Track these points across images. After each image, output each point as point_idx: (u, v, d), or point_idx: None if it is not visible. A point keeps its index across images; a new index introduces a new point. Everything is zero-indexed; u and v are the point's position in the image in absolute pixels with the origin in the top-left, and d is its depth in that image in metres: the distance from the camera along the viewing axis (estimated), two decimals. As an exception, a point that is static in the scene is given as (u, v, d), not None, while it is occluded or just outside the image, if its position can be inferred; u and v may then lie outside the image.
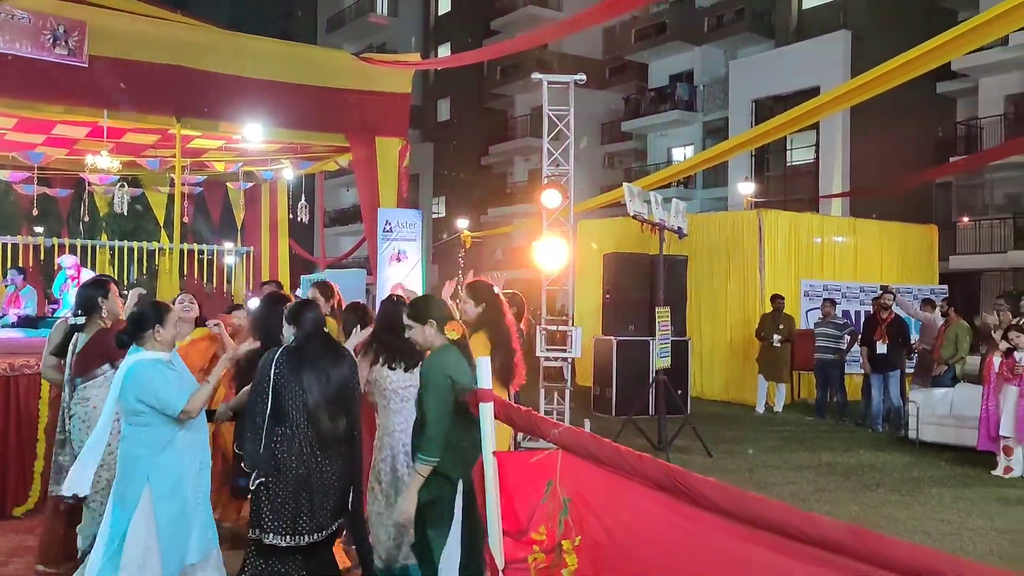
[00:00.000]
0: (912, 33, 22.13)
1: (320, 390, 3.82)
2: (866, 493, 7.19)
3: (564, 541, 2.91)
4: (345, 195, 41.40)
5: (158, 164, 14.00)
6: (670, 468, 2.60)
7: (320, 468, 3.79)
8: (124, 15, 10.84)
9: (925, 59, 8.83)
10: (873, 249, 14.53)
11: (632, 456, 2.75)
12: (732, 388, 13.51)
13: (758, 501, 2.41)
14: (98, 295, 4.63)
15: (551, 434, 3.01)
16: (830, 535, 2.23)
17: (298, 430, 3.79)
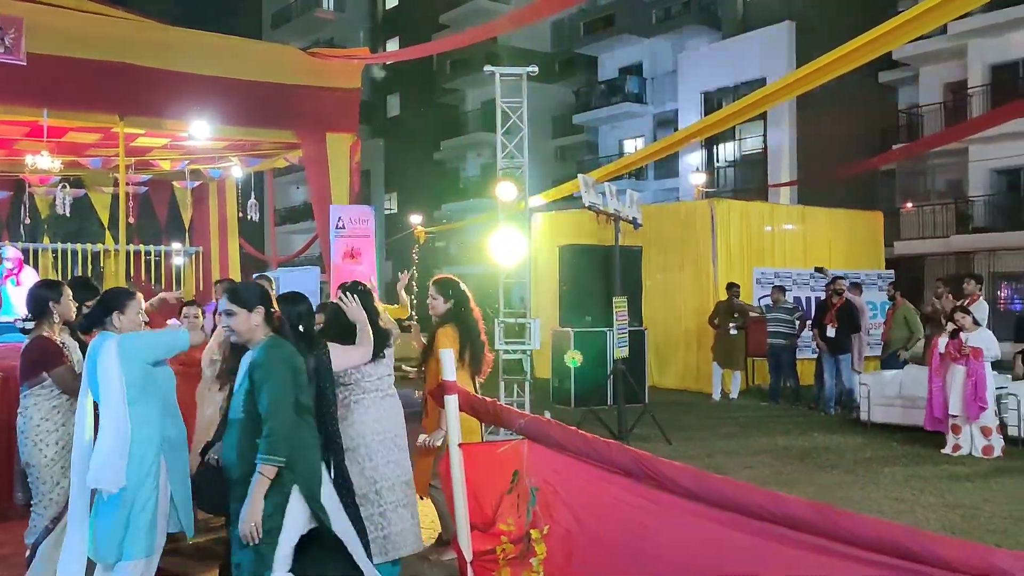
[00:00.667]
0: (854, 22, 22.55)
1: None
2: (822, 475, 7.32)
3: (533, 530, 2.91)
4: (295, 193, 40.92)
5: (101, 163, 13.68)
6: (638, 454, 2.62)
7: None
8: (63, 11, 10.56)
9: (866, 49, 9.03)
10: (822, 236, 14.81)
11: (599, 443, 2.76)
12: (688, 377, 13.66)
13: (725, 483, 2.44)
14: (50, 298, 4.42)
15: (517, 424, 3.01)
16: (795, 512, 2.27)
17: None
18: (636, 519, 2.65)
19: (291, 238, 39.58)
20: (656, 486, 2.54)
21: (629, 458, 2.62)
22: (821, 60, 9.38)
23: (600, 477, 2.72)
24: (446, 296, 4.83)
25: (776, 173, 24.28)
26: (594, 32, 31.26)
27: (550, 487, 2.92)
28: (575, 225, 15.02)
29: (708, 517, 2.43)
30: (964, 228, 21.97)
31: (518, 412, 3.05)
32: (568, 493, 2.87)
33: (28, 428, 4.23)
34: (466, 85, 36.44)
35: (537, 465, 2.96)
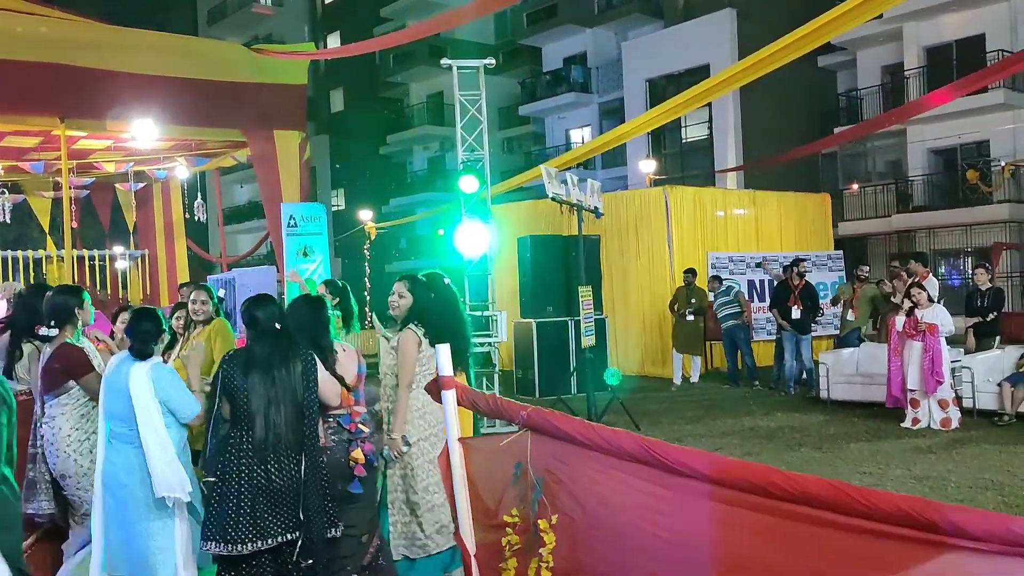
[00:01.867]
0: (793, 9, 23.04)
1: (263, 393, 3.60)
2: (790, 453, 7.45)
3: (540, 521, 2.90)
4: (239, 192, 40.21)
5: (43, 167, 13.29)
6: (646, 440, 2.62)
7: (264, 475, 3.55)
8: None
9: (809, 38, 9.20)
10: (772, 219, 15.07)
11: (606, 431, 2.75)
12: (648, 363, 13.80)
13: (739, 465, 2.45)
14: (74, 304, 4.27)
15: (519, 416, 3.00)
16: (812, 490, 2.29)
17: (243, 434, 3.60)
18: (646, 504, 2.65)
19: (236, 238, 38.92)
20: (666, 470, 2.55)
21: (637, 444, 2.62)
22: (765, 50, 9.54)
23: (607, 464, 2.72)
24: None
25: (722, 159, 24.60)
26: (537, 23, 31.26)
27: (555, 477, 2.91)
28: (530, 216, 15.06)
29: (722, 499, 2.45)
30: (904, 208, 22.55)
31: (519, 405, 3.04)
32: (574, 482, 2.87)
33: (58, 439, 4.09)
34: (410, 79, 36.19)
35: (541, 456, 2.95)
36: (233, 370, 3.65)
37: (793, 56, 9.64)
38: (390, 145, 36.98)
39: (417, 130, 35.49)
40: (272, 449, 3.57)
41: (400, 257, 35.42)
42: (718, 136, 25.24)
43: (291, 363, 3.65)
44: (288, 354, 3.67)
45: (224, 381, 3.64)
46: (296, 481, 3.58)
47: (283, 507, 3.58)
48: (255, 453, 3.55)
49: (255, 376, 3.62)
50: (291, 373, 3.64)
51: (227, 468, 3.56)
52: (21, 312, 4.71)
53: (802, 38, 9.17)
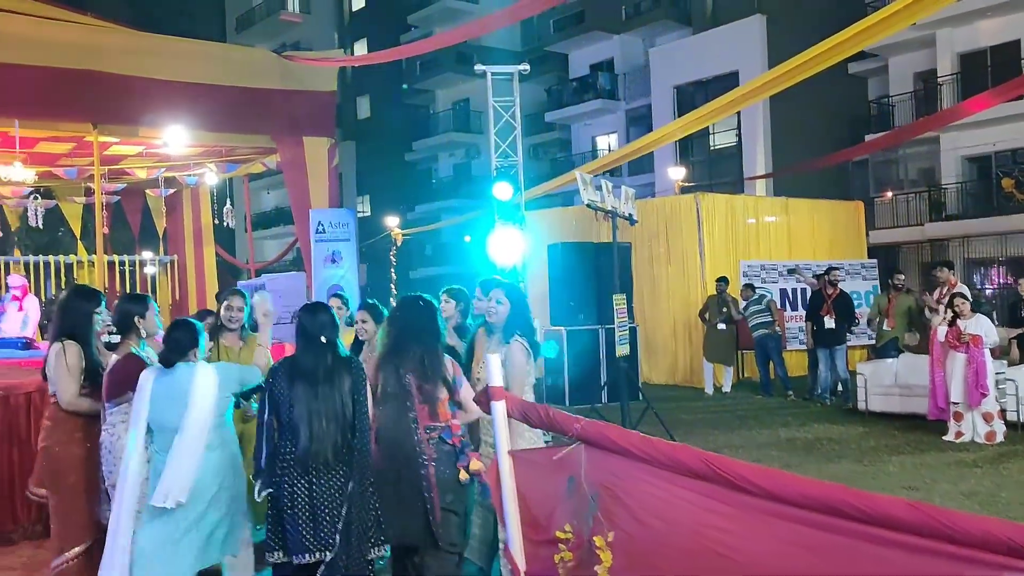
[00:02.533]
0: (824, 14, 22.83)
1: (307, 405, 3.58)
2: (830, 466, 7.29)
3: (596, 538, 2.80)
4: (266, 198, 40.46)
5: (76, 173, 13.38)
6: (707, 455, 2.52)
7: (306, 488, 3.53)
8: (30, 20, 10.29)
9: (842, 47, 9.05)
10: (805, 227, 14.87)
11: (665, 445, 2.66)
12: (677, 372, 13.63)
13: (809, 483, 2.34)
14: (136, 312, 4.29)
15: (573, 429, 2.90)
16: (891, 512, 2.18)
17: (288, 445, 3.59)
18: (708, 522, 2.55)
19: (262, 244, 39.13)
20: (729, 487, 2.45)
21: (698, 459, 2.52)
22: (797, 59, 9.39)
23: (665, 479, 2.62)
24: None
25: (751, 166, 24.38)
26: (564, 29, 31.19)
27: (611, 492, 2.81)
28: (558, 223, 14.97)
29: (789, 518, 2.34)
30: (937, 216, 22.21)
31: (573, 417, 2.94)
32: (631, 497, 2.76)
33: (116, 447, 4.08)
34: (436, 85, 36.25)
35: (596, 470, 2.85)
36: (279, 380, 3.64)
37: (825, 65, 9.49)
38: (415, 152, 37.05)
39: (442, 137, 35.53)
40: (314, 462, 3.53)
41: (425, 264, 35.42)
42: (747, 143, 25.03)
43: (338, 376, 3.61)
44: (336, 367, 3.63)
45: (270, 391, 3.64)
46: (338, 497, 3.53)
47: (324, 523, 3.54)
48: (298, 465, 3.53)
49: (299, 387, 3.58)
50: (337, 386, 3.60)
51: (278, 479, 3.58)
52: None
53: (834, 47, 9.02)
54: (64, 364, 4.20)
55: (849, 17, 9.79)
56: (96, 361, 4.31)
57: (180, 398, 3.72)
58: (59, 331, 4.33)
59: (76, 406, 4.24)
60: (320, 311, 3.79)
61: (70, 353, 4.22)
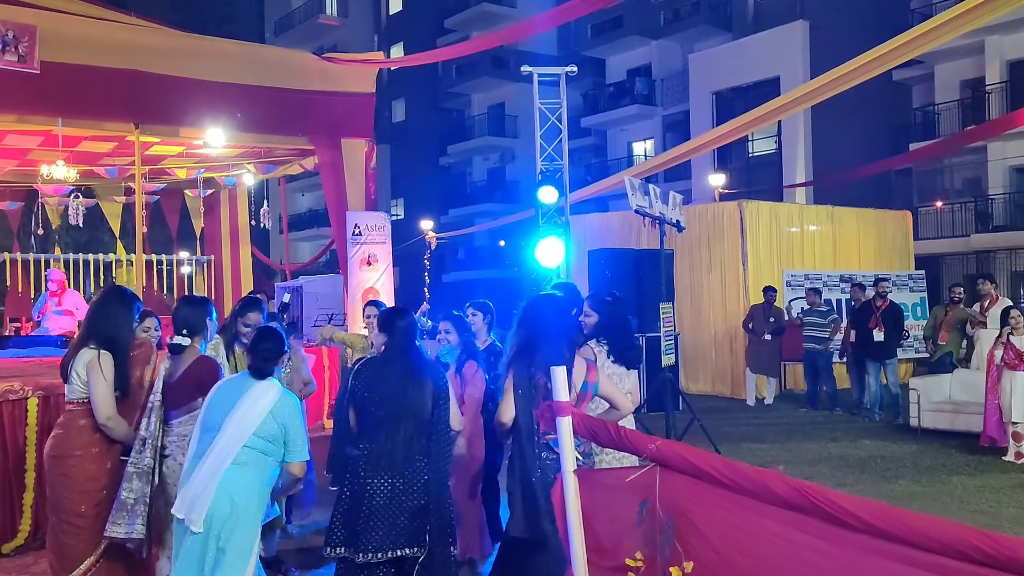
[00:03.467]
0: (868, 20, 22.44)
1: (387, 407, 3.65)
2: (887, 486, 7.01)
3: (672, 568, 2.60)
4: (300, 200, 40.65)
5: (117, 172, 13.41)
6: (801, 484, 2.31)
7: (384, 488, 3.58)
8: (76, 19, 10.32)
9: (887, 58, 8.77)
10: (851, 236, 14.53)
11: (751, 471, 2.45)
12: (717, 382, 13.37)
13: (923, 520, 2.13)
14: (206, 316, 4.18)
15: (647, 449, 2.71)
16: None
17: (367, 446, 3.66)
18: (800, 558, 2.34)
19: (295, 245, 39.32)
20: (826, 519, 2.24)
21: (790, 488, 2.31)
22: (842, 68, 9.14)
23: (752, 509, 2.41)
24: None
25: (791, 173, 24.00)
26: (602, 34, 30.97)
27: (688, 520, 2.61)
28: (598, 228, 14.77)
29: (900, 559, 2.13)
30: (984, 227, 21.69)
31: (647, 436, 2.75)
32: (711, 527, 2.56)
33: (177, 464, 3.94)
34: (472, 89, 36.21)
35: (672, 494, 2.65)
36: (361, 381, 3.72)
37: (870, 75, 9.23)
38: (450, 155, 37.03)
39: (477, 140, 35.47)
40: (390, 463, 3.60)
41: (458, 267, 35.37)
42: (787, 150, 24.65)
43: (419, 379, 3.69)
44: (417, 370, 3.71)
45: (352, 391, 3.73)
46: (415, 498, 3.59)
47: (399, 522, 3.59)
48: (374, 465, 3.60)
49: (380, 389, 3.67)
50: (420, 389, 3.67)
51: (351, 478, 3.66)
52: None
53: (880, 57, 8.74)
54: (100, 375, 3.93)
55: (894, 23, 9.53)
56: (126, 371, 4.07)
57: (232, 401, 3.54)
58: (91, 335, 4.04)
59: (110, 423, 3.95)
60: (403, 316, 3.86)
61: (106, 363, 3.96)
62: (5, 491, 5.26)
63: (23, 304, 13.11)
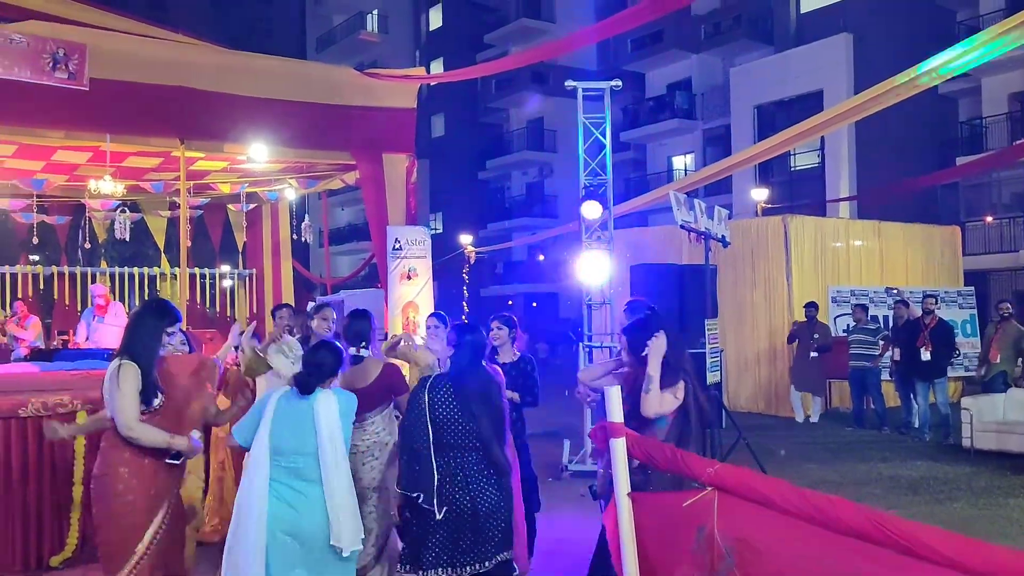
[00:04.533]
0: (913, 32, 22.09)
1: (453, 423, 3.75)
2: (941, 508, 6.80)
3: (734, 598, 2.52)
4: (339, 214, 41.01)
5: (162, 187, 13.60)
6: (874, 513, 2.21)
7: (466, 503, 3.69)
8: (124, 37, 10.48)
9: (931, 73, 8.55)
10: (897, 252, 14.24)
11: (819, 499, 2.35)
12: (761, 399, 13.15)
13: (1007, 554, 2.03)
14: (370, 327, 4.59)
15: (705, 473, 2.63)
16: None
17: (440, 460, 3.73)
18: (873, 591, 2.24)
19: (335, 259, 39.62)
20: (904, 553, 2.14)
21: (862, 517, 2.21)
22: (886, 84, 8.94)
23: (820, 538, 2.32)
24: None
25: (834, 188, 23.65)
26: (641, 48, 30.89)
27: (751, 547, 2.51)
28: (639, 243, 14.64)
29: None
30: (1034, 242, 21.19)
31: (705, 460, 2.67)
32: (775, 555, 2.46)
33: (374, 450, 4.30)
34: (510, 104, 36.32)
35: (732, 521, 2.56)
36: (434, 395, 3.78)
37: (917, 90, 9.02)
38: (489, 170, 37.13)
39: (516, 155, 35.53)
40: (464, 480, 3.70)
41: (496, 282, 35.37)
42: (830, 164, 24.30)
43: (487, 396, 3.80)
44: (488, 384, 3.84)
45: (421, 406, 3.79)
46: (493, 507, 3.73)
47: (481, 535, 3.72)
48: (451, 479, 3.69)
49: (449, 406, 3.76)
50: (487, 405, 3.78)
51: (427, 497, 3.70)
52: None
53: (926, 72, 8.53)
54: (118, 385, 3.87)
55: (939, 35, 9.32)
56: (154, 382, 3.99)
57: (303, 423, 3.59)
58: (122, 347, 4.03)
59: (134, 432, 3.86)
60: (475, 331, 3.96)
61: (125, 373, 3.88)
62: (53, 505, 5.31)
63: (70, 317, 13.32)
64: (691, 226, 7.93)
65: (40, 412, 5.17)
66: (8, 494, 5.22)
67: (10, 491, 5.22)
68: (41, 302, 15.18)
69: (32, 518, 5.32)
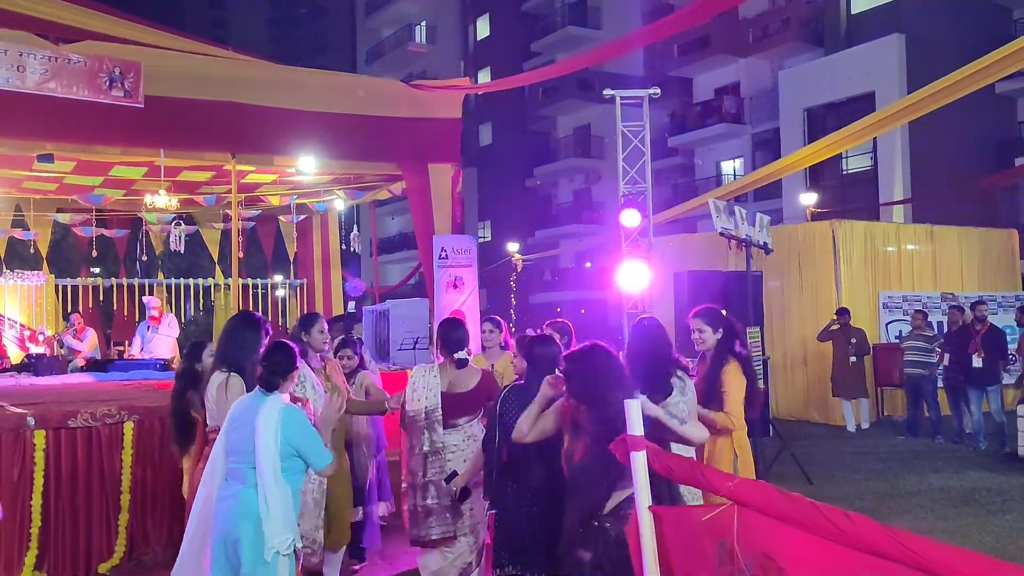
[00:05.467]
0: (967, 31, 21.56)
1: None
2: (993, 520, 6.64)
3: (752, 613, 2.51)
4: (389, 223, 41.46)
5: (215, 200, 13.93)
6: (895, 533, 2.18)
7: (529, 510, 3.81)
8: (178, 55, 10.79)
9: (987, 72, 8.37)
10: (952, 256, 13.91)
11: (839, 516, 2.32)
12: (809, 407, 12.94)
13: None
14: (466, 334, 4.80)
15: (725, 487, 2.63)
16: None
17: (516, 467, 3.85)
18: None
19: (385, 268, 40.04)
20: (923, 571, 2.11)
21: (883, 537, 2.19)
22: (939, 83, 8.77)
23: (844, 557, 2.31)
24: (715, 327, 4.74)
25: (887, 191, 23.18)
26: (688, 53, 30.69)
27: (775, 564, 2.49)
28: (685, 249, 14.56)
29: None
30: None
31: (725, 474, 2.67)
32: (799, 572, 2.46)
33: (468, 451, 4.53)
34: (557, 112, 36.36)
35: (753, 536, 2.55)
36: (508, 406, 3.94)
37: (970, 89, 8.83)
38: (536, 177, 37.20)
39: (563, 163, 35.55)
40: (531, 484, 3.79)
41: (544, 289, 35.38)
42: (883, 167, 23.83)
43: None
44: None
45: (501, 415, 3.96)
46: (541, 518, 3.78)
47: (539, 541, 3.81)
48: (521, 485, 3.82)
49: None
50: None
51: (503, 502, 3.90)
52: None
53: (981, 71, 8.36)
54: (225, 397, 4.07)
55: (994, 34, 9.09)
56: None
57: (247, 423, 3.59)
58: (222, 360, 4.24)
59: None
60: (549, 344, 4.01)
61: (233, 385, 4.10)
62: (102, 512, 5.49)
63: (128, 328, 13.71)
64: (731, 233, 7.87)
65: (88, 423, 5.36)
66: (58, 502, 5.42)
67: (60, 500, 5.42)
68: (101, 314, 15.65)
69: (81, 526, 5.50)
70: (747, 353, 4.62)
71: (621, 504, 3.24)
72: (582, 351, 3.42)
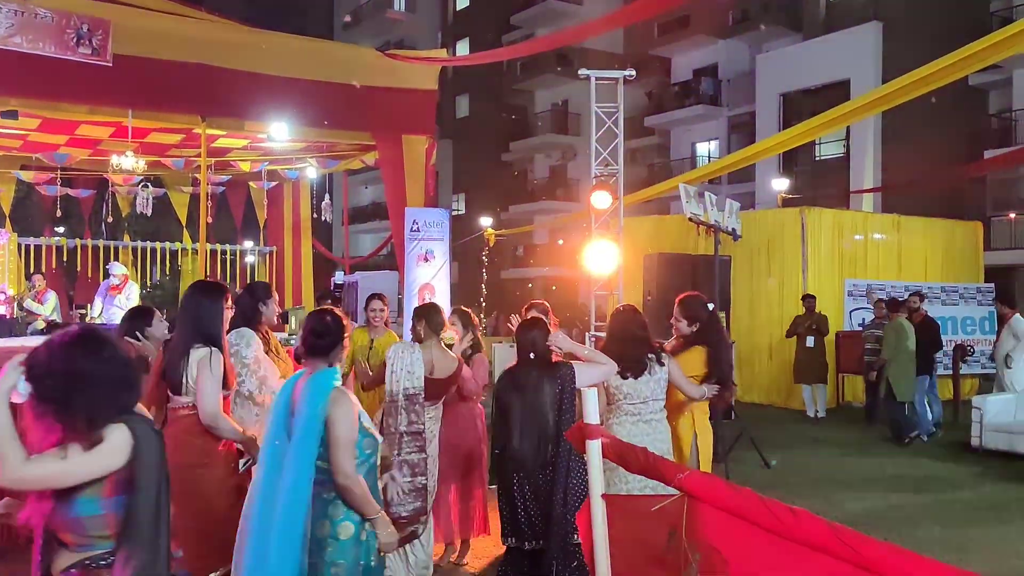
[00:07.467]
0: (944, 22, 21.69)
1: (519, 411, 4.13)
2: (943, 510, 6.78)
3: (698, 602, 2.54)
4: (363, 192, 41.15)
5: (183, 164, 13.73)
6: (837, 530, 2.21)
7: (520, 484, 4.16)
8: (148, 13, 10.56)
9: (964, 64, 8.42)
10: (917, 247, 14.10)
11: (784, 512, 2.35)
12: (773, 391, 13.12)
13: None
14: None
15: (675, 479, 2.65)
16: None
17: (510, 446, 4.16)
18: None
19: (357, 238, 39.80)
20: (865, 569, 2.14)
21: (827, 533, 2.21)
22: (914, 74, 8.80)
23: (786, 550, 2.34)
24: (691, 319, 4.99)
25: (858, 179, 23.40)
26: (668, 33, 30.62)
27: (720, 556, 2.53)
28: (654, 232, 14.59)
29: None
30: (1062, 239, 20.86)
31: (676, 465, 2.70)
32: (742, 564, 2.49)
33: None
34: (536, 86, 36.14)
35: (700, 527, 2.58)
36: (503, 389, 4.23)
37: (945, 81, 8.88)
38: (512, 152, 37.03)
39: (540, 138, 35.40)
40: (522, 461, 4.12)
41: (516, 265, 35.37)
42: (855, 154, 24.02)
43: (542, 387, 4.10)
44: (540, 379, 4.12)
45: (498, 397, 4.24)
46: (544, 492, 4.09)
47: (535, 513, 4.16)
48: (515, 463, 4.14)
49: (514, 396, 4.17)
50: (541, 397, 4.10)
51: (510, 476, 4.20)
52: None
53: (957, 63, 8.41)
54: (210, 374, 3.84)
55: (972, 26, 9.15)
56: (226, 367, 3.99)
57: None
58: (197, 334, 3.93)
59: (221, 423, 3.85)
60: (534, 328, 4.24)
61: (216, 362, 3.87)
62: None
63: (92, 289, 13.54)
64: (700, 219, 7.91)
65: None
66: None
67: None
68: (64, 274, 15.41)
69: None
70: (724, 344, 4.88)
71: None
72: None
